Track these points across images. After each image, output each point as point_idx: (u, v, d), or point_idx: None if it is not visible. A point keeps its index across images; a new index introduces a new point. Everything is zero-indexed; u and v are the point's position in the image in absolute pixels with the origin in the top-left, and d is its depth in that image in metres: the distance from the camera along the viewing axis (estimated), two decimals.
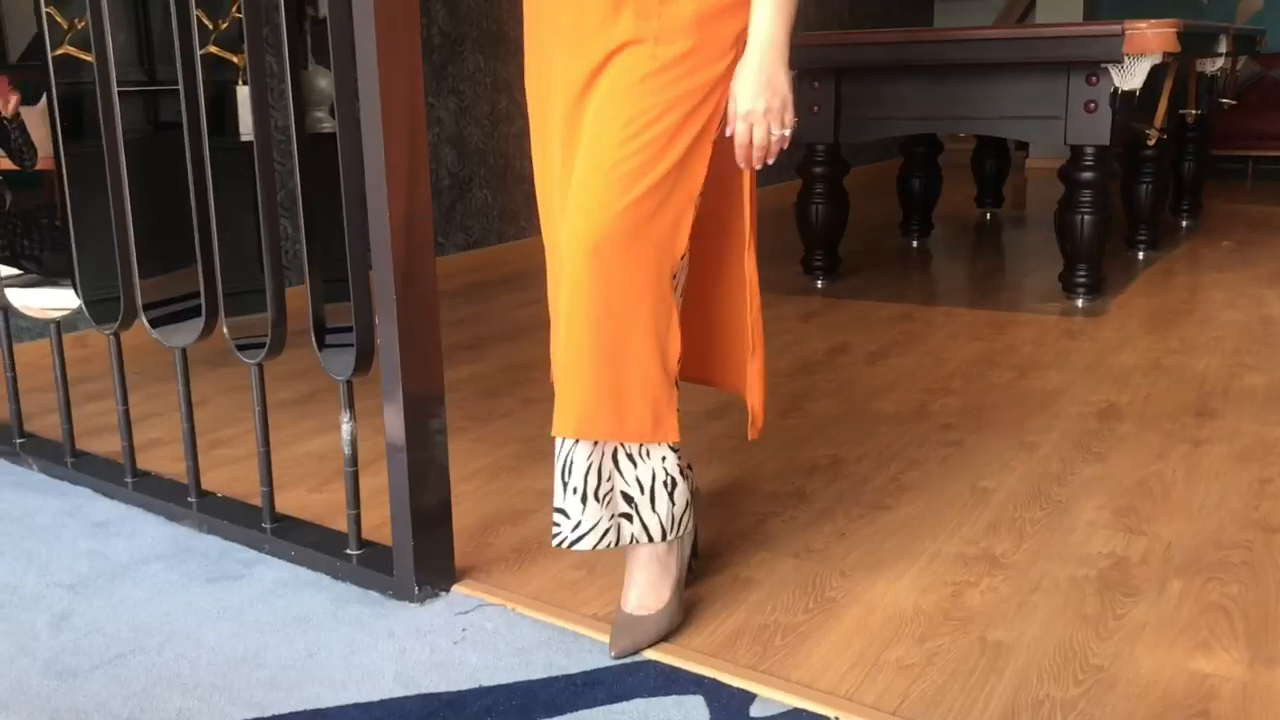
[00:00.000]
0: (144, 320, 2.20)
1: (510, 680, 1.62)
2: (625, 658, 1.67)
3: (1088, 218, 3.79)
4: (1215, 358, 3.20)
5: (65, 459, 2.46)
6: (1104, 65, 3.59)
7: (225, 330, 2.06)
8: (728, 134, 1.57)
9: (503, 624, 1.78)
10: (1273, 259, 4.68)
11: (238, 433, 2.74)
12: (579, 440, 1.63)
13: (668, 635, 1.71)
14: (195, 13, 1.99)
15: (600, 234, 1.54)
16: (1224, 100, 5.15)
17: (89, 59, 2.20)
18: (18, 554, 2.09)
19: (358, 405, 1.97)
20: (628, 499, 1.68)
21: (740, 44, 1.57)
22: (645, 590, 1.71)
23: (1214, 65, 4.74)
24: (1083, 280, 3.91)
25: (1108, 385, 2.97)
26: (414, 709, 1.56)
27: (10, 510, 2.29)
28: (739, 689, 1.58)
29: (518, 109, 4.96)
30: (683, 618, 1.75)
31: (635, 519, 1.68)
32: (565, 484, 1.66)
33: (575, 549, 1.67)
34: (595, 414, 1.59)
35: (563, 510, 1.67)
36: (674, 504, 1.69)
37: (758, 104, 1.54)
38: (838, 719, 1.50)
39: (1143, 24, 3.48)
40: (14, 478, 2.48)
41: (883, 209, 6.13)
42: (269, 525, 2.09)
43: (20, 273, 2.58)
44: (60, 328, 2.45)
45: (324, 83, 3.50)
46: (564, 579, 1.93)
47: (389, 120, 1.71)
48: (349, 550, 1.98)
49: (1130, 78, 3.54)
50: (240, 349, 2.04)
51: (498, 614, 1.81)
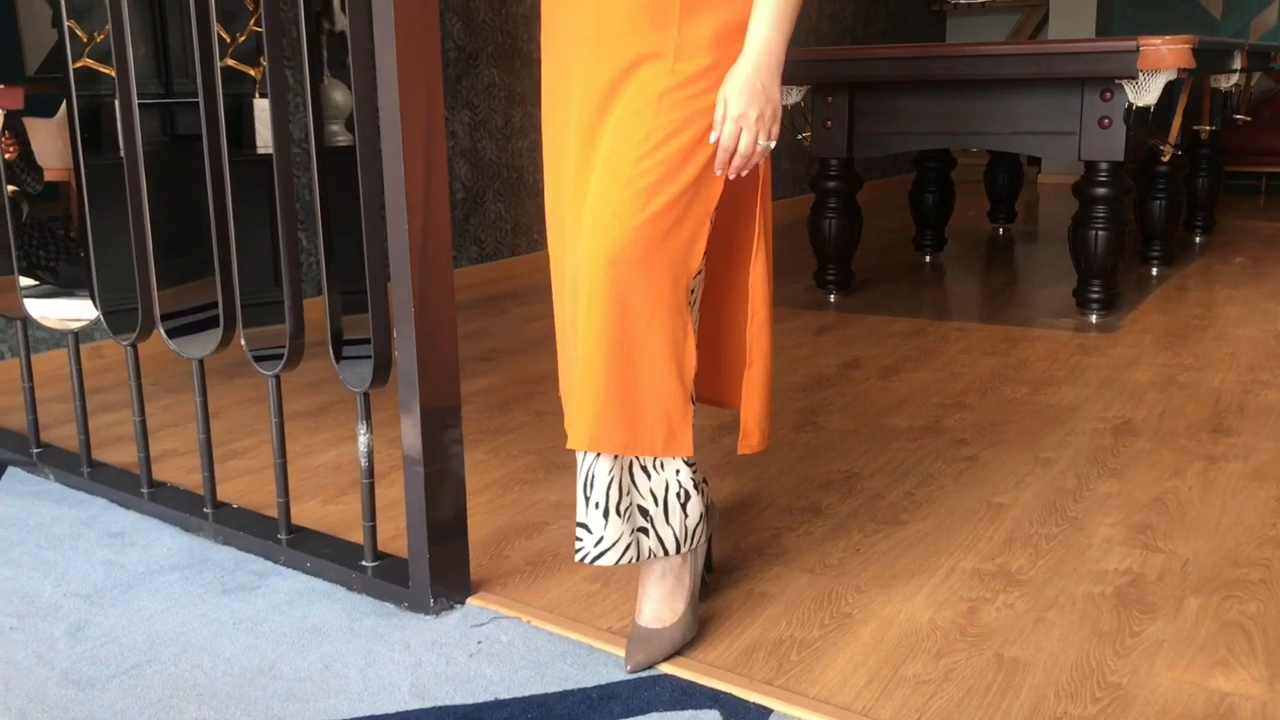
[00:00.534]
0: (161, 331, 2.21)
1: (526, 694, 1.62)
2: (640, 671, 1.66)
3: (1102, 233, 3.79)
4: (1230, 374, 3.19)
5: (82, 469, 2.47)
6: (1118, 81, 3.59)
7: (243, 341, 2.06)
8: (712, 139, 1.56)
9: (518, 637, 1.78)
10: None
11: (253, 444, 2.74)
12: (600, 454, 1.63)
13: (682, 648, 1.71)
14: (215, 26, 2.00)
15: (617, 247, 1.54)
16: (1238, 116, 5.14)
17: (108, 72, 2.22)
18: (35, 564, 2.10)
19: (373, 416, 1.97)
20: (643, 512, 1.68)
21: None
22: (659, 603, 1.71)
23: (1228, 81, 4.73)
24: (1097, 296, 3.90)
25: (1122, 401, 2.96)
26: None
27: (27, 520, 2.30)
28: (755, 704, 1.58)
29: (531, 123, 4.98)
30: (697, 631, 1.75)
31: (651, 532, 1.68)
32: (588, 499, 1.66)
33: (598, 564, 1.67)
34: (607, 427, 1.59)
35: (585, 525, 1.67)
36: (687, 517, 1.69)
37: (750, 110, 1.54)
38: None
39: (1157, 40, 3.48)
40: (31, 488, 2.49)
41: (895, 223, 6.13)
42: (284, 536, 2.09)
43: (37, 283, 2.59)
44: (78, 338, 2.46)
45: (340, 96, 3.52)
46: (579, 592, 1.93)
47: (408, 134, 1.72)
48: (364, 562, 1.98)
49: (1145, 94, 3.53)
50: (258, 360, 2.04)
51: (513, 627, 1.81)
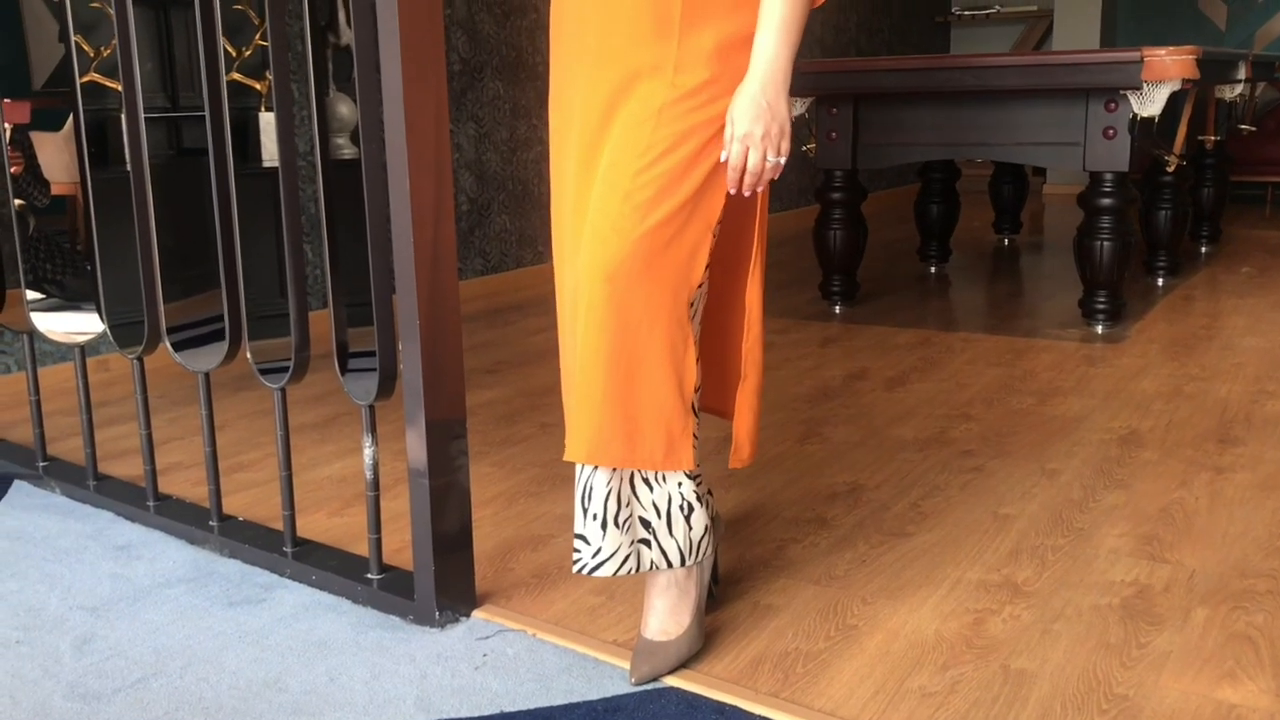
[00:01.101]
0: (168, 344, 2.21)
1: (531, 706, 1.62)
2: (646, 684, 1.66)
3: (1107, 244, 3.79)
4: (1237, 384, 3.19)
5: (88, 482, 2.47)
6: (1123, 92, 3.59)
7: (249, 354, 2.07)
8: (722, 158, 1.56)
9: (523, 650, 1.78)
10: None
11: (259, 456, 2.75)
12: (598, 466, 1.64)
13: (688, 661, 1.71)
14: (221, 40, 2.01)
15: (615, 261, 1.54)
16: (1243, 126, 5.14)
17: (115, 86, 2.23)
18: (41, 577, 2.10)
19: (379, 429, 1.97)
20: (645, 524, 1.68)
21: None
22: (665, 616, 1.71)
23: (1233, 92, 4.73)
24: (1102, 306, 3.90)
25: (1129, 412, 2.96)
26: None
27: (34, 533, 2.31)
28: (760, 716, 1.57)
29: (536, 135, 4.99)
30: (703, 643, 1.75)
31: (654, 544, 1.68)
32: (585, 510, 1.66)
33: (595, 575, 1.67)
34: (606, 440, 1.59)
35: (583, 536, 1.67)
36: (691, 529, 1.69)
37: (756, 128, 1.53)
38: None
39: (1161, 51, 3.48)
40: (37, 501, 2.49)
41: (900, 234, 6.13)
42: (290, 549, 2.09)
43: (44, 296, 2.60)
44: (84, 351, 2.47)
45: (345, 109, 3.54)
46: (584, 604, 1.93)
47: (413, 147, 1.73)
48: (370, 575, 1.98)
49: (1149, 104, 3.53)
50: (263, 373, 2.05)
51: (518, 639, 1.81)
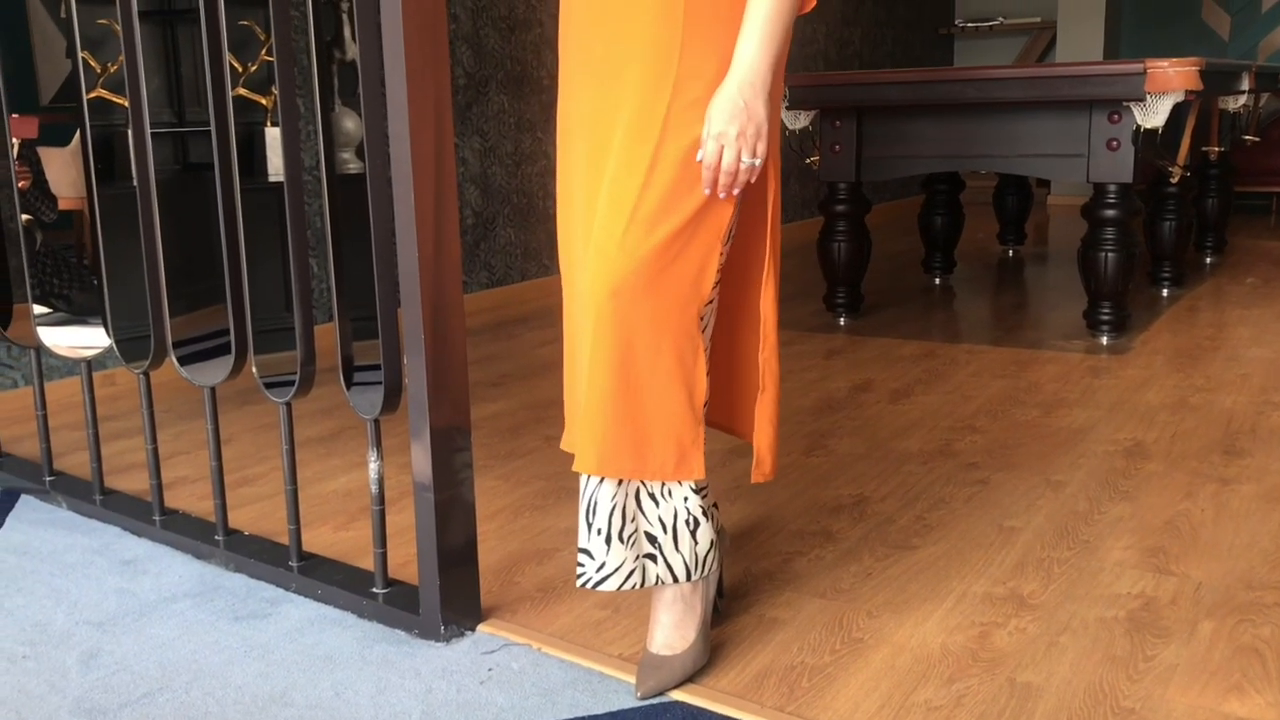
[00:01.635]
0: (174, 359, 2.22)
1: None
2: (651, 698, 1.66)
3: (1111, 255, 3.79)
4: (1242, 395, 3.18)
5: (94, 497, 2.48)
6: (1126, 103, 3.59)
7: (254, 369, 2.07)
8: (698, 158, 1.55)
9: (528, 664, 1.78)
10: None
11: (264, 470, 2.75)
12: (603, 481, 1.64)
13: (694, 676, 1.71)
14: (227, 56, 2.02)
15: (620, 277, 1.55)
16: (1247, 137, 5.14)
17: (121, 102, 2.24)
18: (47, 592, 2.10)
19: (384, 442, 1.98)
20: (651, 539, 1.68)
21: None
22: (670, 630, 1.71)
23: (1237, 102, 4.74)
24: (1107, 317, 3.89)
25: (1134, 423, 2.96)
26: None
27: (40, 548, 2.31)
28: None
29: (541, 149, 5.00)
30: (709, 658, 1.75)
31: (659, 559, 1.68)
32: (590, 525, 1.66)
33: (600, 590, 1.67)
34: (615, 452, 1.59)
35: (587, 551, 1.67)
36: (697, 543, 1.69)
37: (730, 127, 1.52)
38: None
39: (1164, 62, 3.49)
40: (44, 515, 2.50)
41: (905, 246, 6.13)
42: (296, 564, 2.10)
43: (51, 311, 2.61)
44: (90, 366, 2.48)
45: (350, 124, 3.55)
46: (589, 618, 1.93)
47: (419, 161, 1.73)
48: (375, 589, 1.98)
49: (1152, 116, 3.54)
50: (269, 387, 2.05)
51: (523, 654, 1.81)
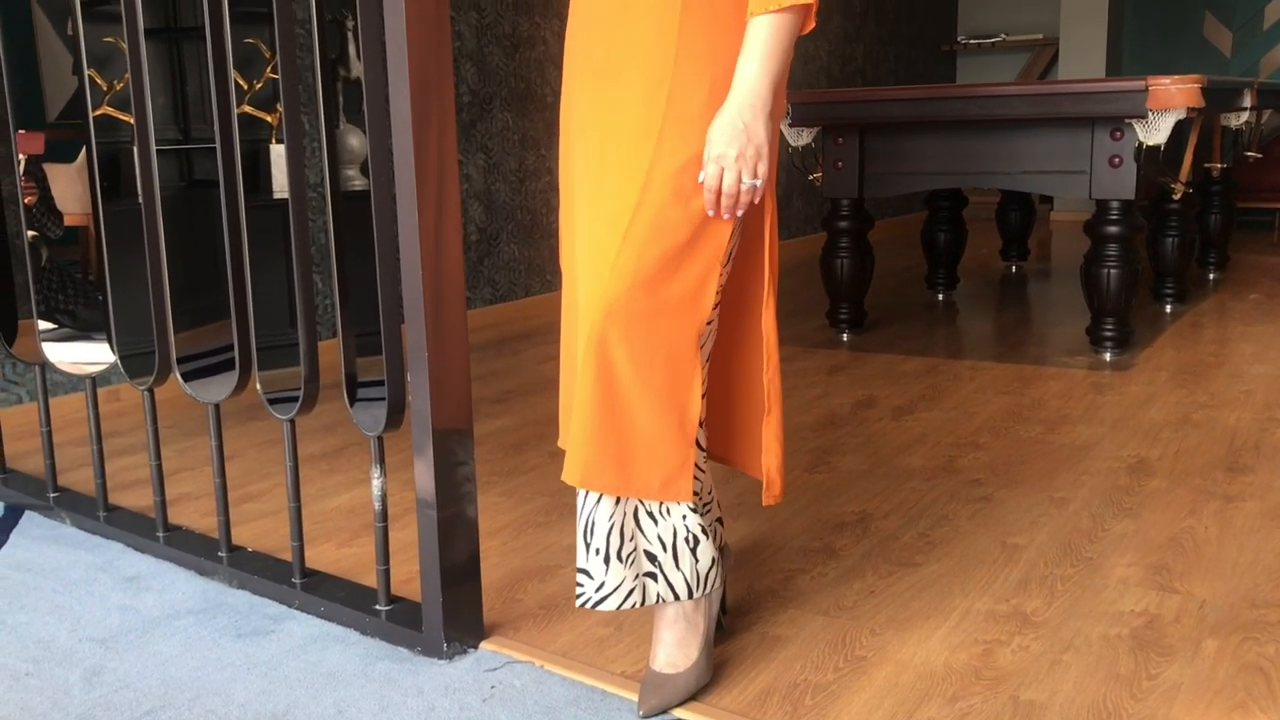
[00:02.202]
0: (178, 375, 2.22)
1: None
2: (654, 717, 1.66)
3: (1114, 271, 3.79)
4: (1245, 412, 3.18)
5: (98, 513, 2.48)
6: (1128, 121, 3.60)
7: (258, 385, 2.08)
8: (699, 179, 1.55)
9: (531, 682, 1.78)
10: None
11: (268, 486, 2.75)
12: (600, 500, 1.64)
13: (696, 694, 1.70)
14: (232, 73, 2.03)
15: (611, 295, 1.54)
16: (1249, 154, 5.15)
17: (127, 119, 2.25)
18: (50, 609, 2.10)
19: (387, 458, 1.98)
20: (651, 558, 1.68)
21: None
22: (673, 648, 1.71)
23: (1238, 119, 4.75)
24: (1110, 334, 3.90)
25: (1137, 440, 2.95)
26: None
27: (43, 565, 2.31)
28: None
29: (544, 166, 5.02)
30: (711, 676, 1.75)
31: (660, 577, 1.68)
32: (588, 545, 1.66)
33: (599, 609, 1.67)
34: (599, 468, 1.59)
35: (586, 571, 1.66)
36: (698, 561, 1.69)
37: (730, 149, 1.52)
38: None
39: (1166, 80, 3.50)
40: (48, 531, 2.50)
41: (908, 262, 6.14)
42: (299, 580, 2.09)
43: (56, 327, 2.62)
44: (95, 382, 2.48)
45: (355, 141, 3.56)
46: (592, 636, 1.93)
47: (422, 178, 1.74)
48: (378, 606, 1.98)
49: (1155, 133, 3.55)
50: (272, 403, 2.06)
51: (526, 671, 1.81)
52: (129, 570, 2.27)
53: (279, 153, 2.14)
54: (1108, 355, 3.90)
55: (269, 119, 3.33)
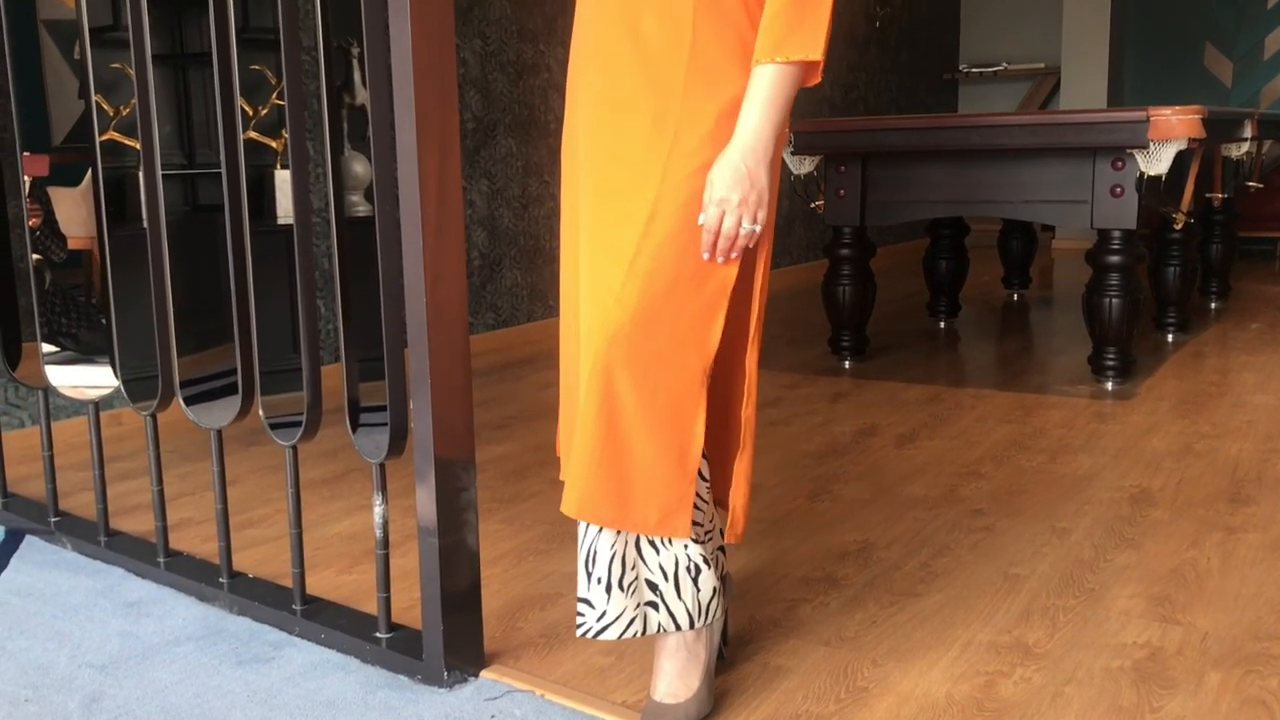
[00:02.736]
0: (181, 401, 2.23)
1: None
2: None
3: (1116, 301, 3.79)
4: (1248, 442, 3.18)
5: (99, 538, 2.47)
6: (1129, 151, 3.61)
7: (260, 411, 2.08)
8: (700, 221, 1.55)
9: (531, 711, 1.77)
10: None
11: (269, 512, 2.75)
12: (602, 529, 1.63)
13: None
14: (239, 99, 2.05)
15: (616, 327, 1.54)
16: (1250, 183, 5.17)
17: (133, 144, 2.26)
18: (50, 634, 2.10)
19: (389, 484, 1.98)
20: (652, 587, 1.67)
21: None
22: (674, 678, 1.70)
23: (1240, 149, 4.77)
24: (1112, 363, 3.90)
25: (1139, 470, 2.95)
26: None
27: (44, 590, 2.31)
28: None
29: (548, 192, 5.04)
30: (712, 706, 1.74)
31: (661, 607, 1.67)
32: (589, 574, 1.65)
33: (600, 639, 1.66)
34: (596, 501, 1.58)
35: (587, 600, 1.66)
36: (699, 591, 1.68)
37: (733, 194, 1.53)
38: None
39: (1167, 110, 3.51)
40: (48, 556, 2.49)
41: (910, 289, 6.14)
42: (299, 607, 2.09)
43: (59, 350, 2.62)
44: (98, 406, 2.48)
45: (360, 167, 3.58)
46: (593, 665, 1.92)
47: (426, 204, 1.75)
48: (378, 633, 1.97)
49: (1156, 163, 3.56)
50: (274, 428, 2.06)
51: (527, 700, 1.80)
52: (130, 596, 2.26)
53: (284, 178, 2.15)
54: (1110, 384, 3.90)
55: (274, 145, 3.36)
